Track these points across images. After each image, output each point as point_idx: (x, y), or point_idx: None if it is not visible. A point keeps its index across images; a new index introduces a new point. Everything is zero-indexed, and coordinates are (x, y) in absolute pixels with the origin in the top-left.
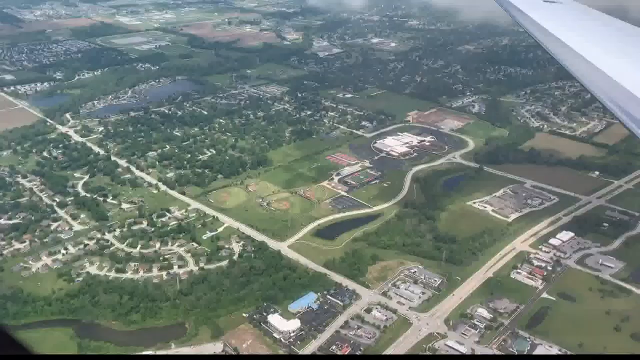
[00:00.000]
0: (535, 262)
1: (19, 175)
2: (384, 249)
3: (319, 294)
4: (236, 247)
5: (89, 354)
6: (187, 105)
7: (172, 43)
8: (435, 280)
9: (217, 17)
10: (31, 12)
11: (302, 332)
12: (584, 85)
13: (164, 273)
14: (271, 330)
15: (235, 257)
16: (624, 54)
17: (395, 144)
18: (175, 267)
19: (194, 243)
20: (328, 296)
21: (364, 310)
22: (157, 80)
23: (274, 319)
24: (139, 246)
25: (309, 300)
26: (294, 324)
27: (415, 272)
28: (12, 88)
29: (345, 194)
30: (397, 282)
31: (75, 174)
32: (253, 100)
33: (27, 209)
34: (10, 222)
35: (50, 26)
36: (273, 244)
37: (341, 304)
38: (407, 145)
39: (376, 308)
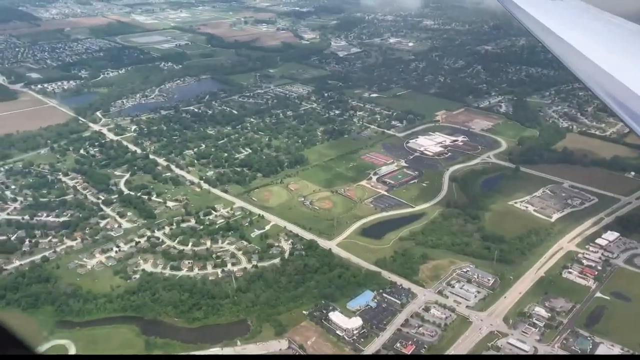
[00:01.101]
0: (585, 262)
1: (60, 173)
2: (432, 248)
3: (374, 292)
4: (286, 245)
5: (156, 352)
6: (216, 104)
7: (192, 42)
8: (489, 280)
9: (232, 17)
10: (47, 11)
11: (364, 329)
12: (585, 83)
13: (219, 270)
14: (333, 327)
15: (286, 255)
16: (625, 52)
17: (429, 143)
18: (229, 264)
19: (243, 241)
20: (384, 294)
21: (422, 309)
22: (182, 79)
23: (336, 317)
24: (190, 244)
25: (366, 298)
26: (356, 322)
27: (467, 271)
28: (39, 86)
29: (385, 193)
30: (451, 281)
31: (115, 172)
32: (280, 100)
33: (73, 207)
34: (59, 219)
35: (68, 24)
36: (321, 242)
37: (399, 302)
38: (441, 145)
39: (434, 306)
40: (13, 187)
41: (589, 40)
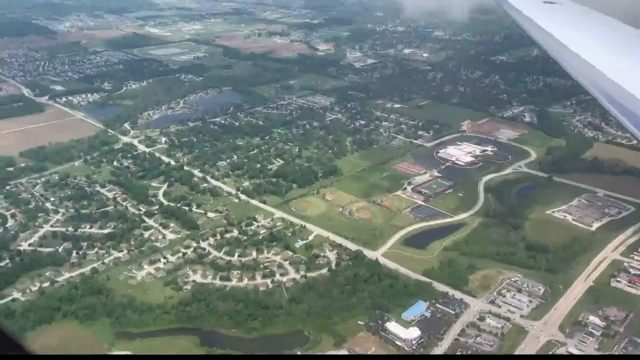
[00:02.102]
0: (632, 271)
1: (98, 185)
2: (478, 258)
3: (427, 302)
4: (331, 256)
5: None
6: (241, 115)
7: (209, 54)
8: (539, 289)
9: (244, 29)
10: (61, 24)
11: (422, 339)
12: (585, 87)
13: (269, 281)
14: (392, 338)
15: (333, 266)
16: (624, 55)
17: (459, 153)
18: (278, 275)
19: (288, 251)
20: (437, 305)
21: (477, 319)
22: (204, 91)
23: (393, 327)
24: (237, 254)
25: (420, 308)
26: (414, 332)
27: (517, 280)
28: (64, 99)
29: (422, 203)
30: (501, 291)
31: (152, 184)
32: (304, 111)
33: (116, 219)
34: (103, 231)
35: (84, 37)
36: (366, 252)
37: (452, 312)
38: (471, 154)
39: (489, 316)
40: (52, 199)
41: (589, 43)
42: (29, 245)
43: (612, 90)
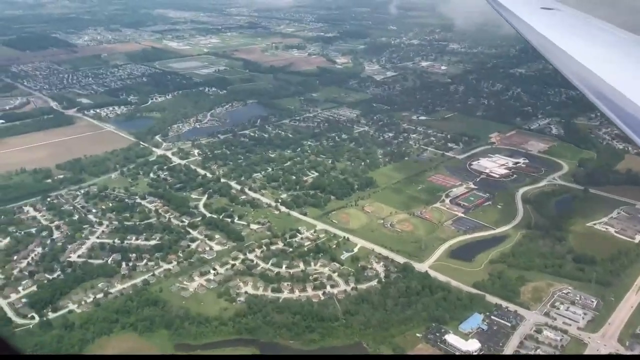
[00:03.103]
0: None
1: (137, 197)
2: (526, 271)
3: (482, 314)
4: (379, 268)
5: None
6: (270, 128)
7: (229, 67)
8: (592, 301)
9: (261, 42)
10: (79, 37)
11: (482, 352)
12: (584, 92)
13: (320, 293)
14: (452, 350)
15: (382, 278)
16: (622, 61)
17: (492, 165)
18: (328, 286)
19: (335, 263)
20: (492, 317)
21: (534, 331)
22: (230, 104)
23: (453, 339)
24: (284, 266)
25: (477, 320)
26: (474, 344)
27: (569, 293)
28: (92, 111)
29: (462, 215)
30: (554, 303)
31: (192, 195)
32: (331, 123)
33: (160, 230)
34: (149, 242)
35: (103, 50)
36: (414, 265)
37: (508, 324)
38: (504, 166)
39: (545, 329)
40: (94, 210)
41: (587, 49)
42: (78, 256)
43: (611, 94)
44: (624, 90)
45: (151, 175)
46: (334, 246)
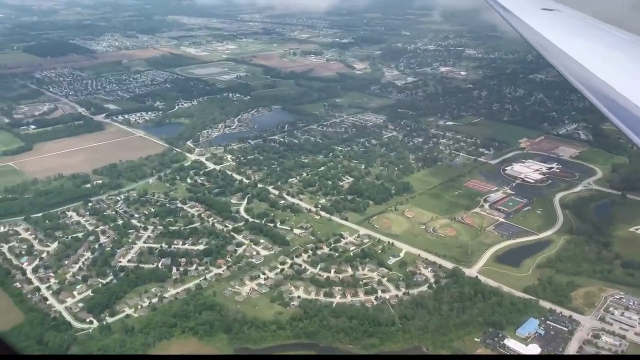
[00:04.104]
0: None
1: (178, 201)
2: (574, 276)
3: (537, 319)
4: (427, 273)
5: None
6: (298, 133)
7: (250, 73)
8: None
9: (277, 48)
10: (97, 44)
11: None
12: (584, 94)
13: (372, 297)
14: (512, 354)
15: (432, 283)
16: (623, 62)
17: (527, 170)
18: (379, 291)
19: (383, 268)
20: (548, 322)
21: (592, 336)
22: (256, 110)
23: (513, 344)
24: (333, 270)
25: (533, 325)
26: (535, 349)
27: (621, 298)
28: (120, 117)
29: (504, 220)
30: (608, 308)
31: (231, 200)
32: (359, 128)
33: (206, 235)
34: (195, 247)
35: (123, 57)
36: (462, 270)
37: (565, 329)
38: (539, 172)
39: (603, 334)
40: (137, 215)
41: (587, 50)
42: (128, 261)
43: (611, 95)
44: (623, 91)
45: (188, 180)
46: (380, 251)
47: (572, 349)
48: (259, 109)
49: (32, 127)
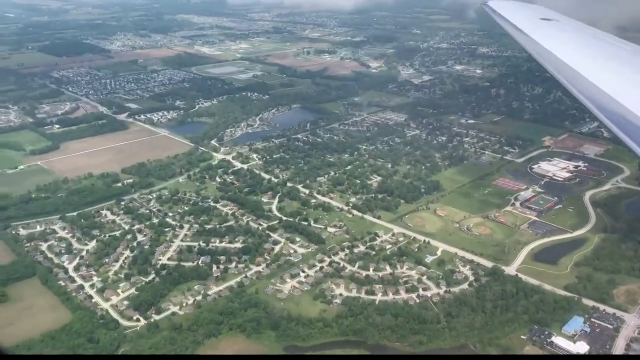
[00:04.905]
0: None
1: (210, 200)
2: (614, 274)
3: (581, 317)
4: (466, 271)
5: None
6: (321, 132)
7: (266, 72)
8: None
9: (290, 47)
10: (111, 43)
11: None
12: (582, 101)
13: (414, 295)
14: (560, 352)
15: (472, 281)
16: (619, 70)
17: (554, 169)
18: (420, 289)
19: (421, 266)
20: (593, 319)
21: (638, 333)
22: (276, 109)
23: (561, 341)
24: (371, 269)
25: (578, 323)
26: (583, 347)
27: None
28: (142, 116)
29: (536, 218)
30: None
31: (262, 199)
32: (381, 127)
33: (242, 233)
34: (233, 245)
35: (138, 56)
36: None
37: (611, 327)
38: (566, 170)
39: None
40: (171, 214)
41: (586, 59)
42: (168, 259)
43: (607, 102)
44: (620, 98)
45: (217, 179)
46: (416, 249)
47: (619, 346)
48: (279, 108)
49: (57, 126)
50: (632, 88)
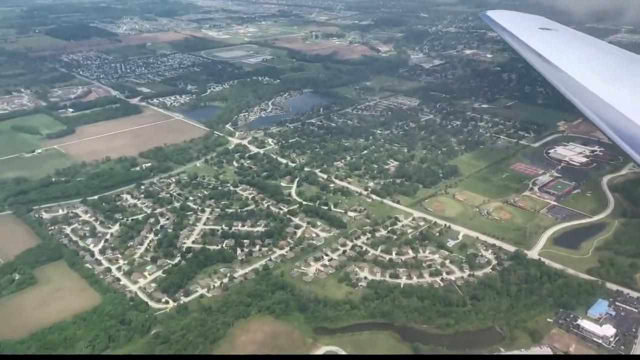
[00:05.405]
0: None
1: (229, 184)
2: (635, 258)
3: (606, 300)
4: (489, 255)
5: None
6: (335, 117)
7: (276, 57)
8: None
9: (298, 31)
10: (118, 27)
11: (617, 337)
12: (580, 108)
13: (438, 279)
14: (587, 335)
15: (495, 265)
16: (617, 79)
17: (570, 153)
18: (444, 273)
19: (444, 250)
20: (617, 303)
21: None
22: (288, 93)
23: (587, 324)
24: (394, 252)
25: (603, 306)
26: (610, 330)
27: None
28: (155, 100)
29: (556, 203)
30: None
31: (281, 184)
32: (394, 112)
33: (264, 217)
34: (255, 229)
35: (146, 39)
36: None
37: (635, 310)
38: (582, 154)
39: None
40: (192, 198)
41: (582, 67)
42: (193, 242)
43: (605, 110)
44: (617, 106)
45: (235, 163)
46: (437, 234)
47: None
48: (290, 93)
49: (70, 110)
50: (630, 95)
